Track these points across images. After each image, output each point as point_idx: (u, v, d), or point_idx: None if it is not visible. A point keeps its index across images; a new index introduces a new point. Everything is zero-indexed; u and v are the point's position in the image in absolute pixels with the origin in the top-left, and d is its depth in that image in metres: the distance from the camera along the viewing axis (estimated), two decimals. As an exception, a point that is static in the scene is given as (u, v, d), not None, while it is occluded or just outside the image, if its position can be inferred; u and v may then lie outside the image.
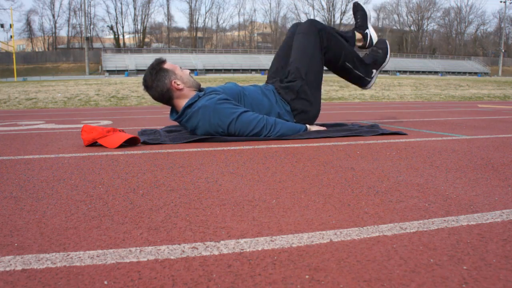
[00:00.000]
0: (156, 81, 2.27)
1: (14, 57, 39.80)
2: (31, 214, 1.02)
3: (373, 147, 2.00)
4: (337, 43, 2.56)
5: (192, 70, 45.55)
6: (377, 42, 2.79)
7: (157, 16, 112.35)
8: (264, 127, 2.22)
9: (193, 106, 2.23)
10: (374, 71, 2.72)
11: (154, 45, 65.32)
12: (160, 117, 4.15)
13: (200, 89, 2.36)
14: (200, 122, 2.22)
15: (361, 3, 2.83)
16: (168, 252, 0.78)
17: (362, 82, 2.72)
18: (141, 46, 61.28)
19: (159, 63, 2.30)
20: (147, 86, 2.31)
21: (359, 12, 2.79)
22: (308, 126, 2.43)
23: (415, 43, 71.75)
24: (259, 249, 0.80)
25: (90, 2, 70.24)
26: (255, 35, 72.16)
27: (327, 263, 0.73)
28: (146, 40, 65.84)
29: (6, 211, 1.05)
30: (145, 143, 2.16)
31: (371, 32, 2.78)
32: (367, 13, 2.79)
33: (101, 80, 20.91)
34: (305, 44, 2.50)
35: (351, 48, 2.65)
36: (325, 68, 2.64)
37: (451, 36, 73.58)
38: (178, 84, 2.26)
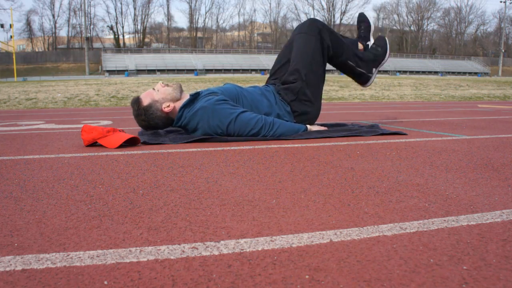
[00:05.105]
0: (151, 120, 2.29)
1: (14, 57, 39.79)
2: (31, 214, 1.02)
3: (373, 147, 2.00)
4: (338, 42, 2.57)
5: (192, 70, 45.63)
6: (376, 39, 2.82)
7: (157, 16, 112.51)
8: (263, 126, 2.22)
9: (192, 108, 2.24)
10: (374, 69, 2.74)
11: (154, 45, 65.28)
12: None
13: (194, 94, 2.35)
14: (200, 124, 2.22)
15: (366, 15, 2.91)
16: (168, 252, 0.78)
17: (364, 78, 2.74)
18: (141, 46, 61.24)
19: (138, 105, 2.28)
20: (149, 127, 2.33)
21: (363, 23, 2.86)
22: (308, 126, 2.44)
23: (415, 43, 71.72)
24: (259, 249, 0.80)
25: (90, 2, 70.24)
26: (255, 35, 72.15)
27: (327, 263, 0.73)
28: (146, 40, 65.80)
29: (6, 211, 1.05)
30: (145, 143, 2.16)
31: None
32: (371, 25, 2.86)
33: (101, 80, 20.91)
34: (306, 45, 2.50)
35: (351, 46, 2.67)
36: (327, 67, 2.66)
37: (451, 36, 73.56)
38: (168, 106, 2.27)
